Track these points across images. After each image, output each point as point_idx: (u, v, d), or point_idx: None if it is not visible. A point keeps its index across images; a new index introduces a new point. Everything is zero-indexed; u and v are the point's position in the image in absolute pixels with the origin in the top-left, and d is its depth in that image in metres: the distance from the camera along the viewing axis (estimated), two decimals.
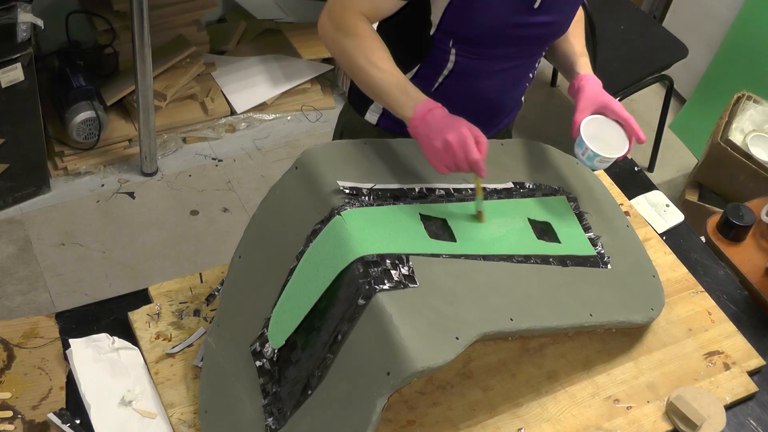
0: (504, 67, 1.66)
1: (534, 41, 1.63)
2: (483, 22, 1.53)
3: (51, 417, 1.43)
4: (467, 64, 1.61)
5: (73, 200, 2.87)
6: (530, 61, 1.72)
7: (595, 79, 1.68)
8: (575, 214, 1.69)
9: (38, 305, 2.58)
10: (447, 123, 1.43)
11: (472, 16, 1.53)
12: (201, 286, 1.63)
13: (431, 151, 1.44)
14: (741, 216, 1.95)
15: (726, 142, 2.85)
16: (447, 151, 1.42)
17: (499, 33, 1.56)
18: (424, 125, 1.44)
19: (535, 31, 1.60)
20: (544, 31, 1.61)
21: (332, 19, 1.53)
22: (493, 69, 1.64)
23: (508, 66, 1.66)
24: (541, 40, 1.65)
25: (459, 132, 1.42)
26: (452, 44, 1.58)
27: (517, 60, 1.67)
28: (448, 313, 1.33)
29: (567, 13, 1.64)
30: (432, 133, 1.43)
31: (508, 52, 1.63)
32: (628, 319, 1.58)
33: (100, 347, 1.52)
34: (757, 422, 1.62)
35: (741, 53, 3.30)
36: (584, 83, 1.67)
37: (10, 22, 2.39)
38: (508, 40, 1.59)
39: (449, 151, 1.42)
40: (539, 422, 1.52)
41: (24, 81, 2.54)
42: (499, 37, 1.57)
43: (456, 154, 1.42)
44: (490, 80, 1.66)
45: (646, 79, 3.02)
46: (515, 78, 1.71)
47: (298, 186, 1.46)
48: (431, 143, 1.43)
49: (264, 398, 1.39)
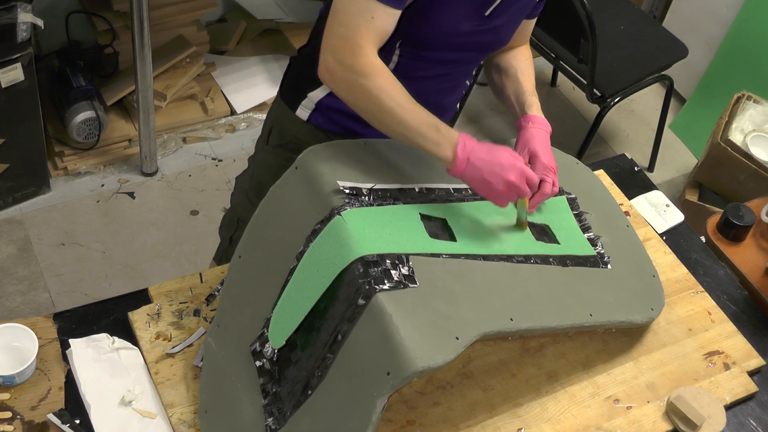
0: (443, 71, 1.64)
1: (479, 48, 1.62)
2: (437, 27, 1.52)
3: (51, 417, 1.43)
4: (410, 65, 1.59)
5: (73, 200, 2.87)
6: (469, 68, 1.69)
7: (539, 121, 1.62)
8: (575, 215, 1.69)
9: (38, 305, 2.58)
10: (494, 161, 1.43)
11: (428, 21, 1.51)
12: (201, 286, 1.63)
13: (493, 194, 1.46)
14: (741, 216, 1.95)
15: (726, 142, 2.85)
16: (511, 190, 1.45)
17: (450, 38, 1.54)
18: (472, 169, 1.43)
19: (482, 37, 1.58)
20: (488, 37, 1.59)
21: (342, 61, 1.42)
22: (433, 73, 1.62)
23: (448, 71, 1.64)
24: (485, 46, 1.63)
25: (515, 168, 1.43)
26: (398, 45, 1.56)
27: (458, 65, 1.65)
28: (448, 313, 1.33)
29: (513, 21, 1.61)
30: (487, 176, 1.43)
31: (453, 57, 1.61)
32: (628, 319, 1.58)
33: (100, 347, 1.52)
34: (757, 422, 1.62)
35: (741, 53, 3.30)
36: (525, 124, 1.62)
37: (10, 22, 2.39)
38: (456, 46, 1.57)
39: (513, 190, 1.45)
40: (539, 422, 1.52)
41: (24, 81, 2.54)
42: (448, 43, 1.56)
43: (518, 190, 1.46)
44: (428, 83, 1.63)
45: (646, 79, 3.02)
46: (453, 83, 1.70)
47: (298, 186, 1.46)
48: (491, 188, 1.45)
49: (264, 398, 1.39)
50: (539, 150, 1.57)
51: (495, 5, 1.52)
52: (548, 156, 1.58)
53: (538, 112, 1.64)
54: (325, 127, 1.69)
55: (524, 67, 1.73)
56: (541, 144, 1.58)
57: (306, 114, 1.70)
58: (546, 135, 1.61)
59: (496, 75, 1.76)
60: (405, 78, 1.54)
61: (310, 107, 1.69)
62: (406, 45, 1.56)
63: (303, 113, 1.70)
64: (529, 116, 1.62)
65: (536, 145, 1.58)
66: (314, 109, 1.69)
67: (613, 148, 3.43)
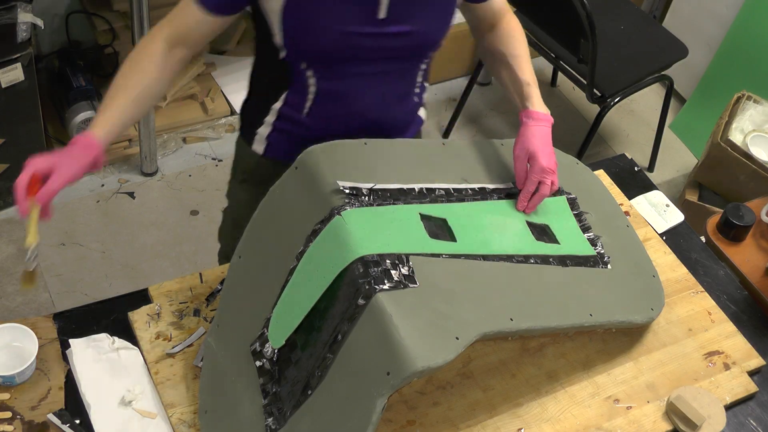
0: (372, 85, 1.57)
1: (394, 55, 1.54)
2: (322, 34, 1.47)
3: (51, 417, 1.43)
4: (330, 86, 1.56)
5: (73, 200, 2.87)
6: (406, 76, 1.62)
7: (539, 116, 1.59)
8: (575, 215, 1.69)
9: (38, 305, 2.58)
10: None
11: (309, 29, 1.47)
12: (201, 286, 1.63)
13: None
14: (741, 216, 1.95)
15: (726, 142, 2.85)
16: None
17: (343, 45, 1.49)
18: None
19: (387, 42, 1.50)
20: (400, 42, 1.51)
21: None
22: (360, 88, 1.57)
23: (378, 84, 1.58)
24: (403, 53, 1.55)
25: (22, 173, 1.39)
26: (306, 66, 1.53)
27: (387, 76, 1.58)
28: (448, 313, 1.33)
29: (428, 22, 1.52)
30: None
31: (370, 69, 1.55)
32: (628, 319, 1.58)
33: (100, 347, 1.52)
34: (757, 422, 1.62)
35: (741, 53, 3.30)
36: (526, 120, 1.59)
37: (10, 22, 2.39)
38: (357, 54, 1.51)
39: None
40: (539, 422, 1.52)
41: (24, 81, 2.54)
42: (345, 50, 1.50)
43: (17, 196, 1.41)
44: (362, 100, 1.58)
45: (646, 79, 3.02)
46: (394, 95, 1.62)
47: (298, 186, 1.46)
48: None
49: (264, 398, 1.39)
50: (538, 151, 1.56)
51: (386, 6, 1.46)
52: (547, 156, 1.57)
53: (537, 104, 1.61)
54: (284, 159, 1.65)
55: (514, 47, 1.65)
56: (540, 143, 1.57)
57: (262, 148, 1.70)
58: (547, 130, 1.59)
59: (489, 61, 1.72)
60: (331, 98, 1.56)
61: (263, 142, 1.69)
62: (313, 63, 1.53)
63: (259, 147, 1.71)
64: (528, 111, 1.60)
65: (535, 146, 1.57)
66: (268, 144, 1.69)
67: (613, 148, 3.43)
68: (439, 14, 1.54)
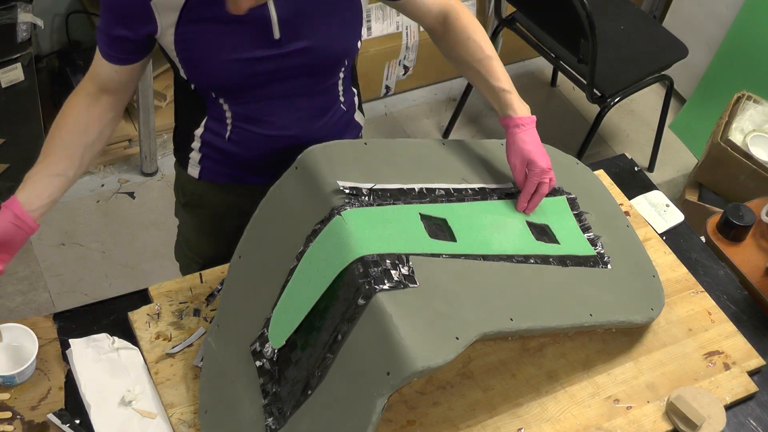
0: (288, 104, 1.55)
1: (296, 72, 1.50)
2: (220, 66, 1.45)
3: (51, 417, 1.43)
4: (245, 110, 1.54)
5: (73, 200, 2.87)
6: (323, 89, 1.57)
7: (523, 121, 1.57)
8: (575, 215, 1.69)
9: (38, 305, 2.58)
10: None
11: (205, 62, 1.45)
12: (201, 286, 1.63)
13: None
14: (741, 216, 1.95)
15: (726, 142, 2.85)
16: None
17: (244, 72, 1.46)
18: None
19: (287, 62, 1.47)
20: (300, 60, 1.48)
21: None
22: (276, 109, 1.55)
23: (294, 102, 1.55)
24: (306, 69, 1.50)
25: None
26: (215, 95, 1.53)
27: (301, 94, 1.54)
28: (448, 313, 1.33)
29: (327, 35, 1.48)
30: None
31: (281, 90, 1.52)
32: (628, 319, 1.58)
33: (100, 347, 1.52)
34: (757, 422, 1.62)
35: (741, 53, 3.30)
36: (512, 128, 1.57)
37: (10, 22, 2.39)
38: (262, 78, 1.48)
39: None
40: (539, 422, 1.52)
41: (24, 81, 2.54)
42: (248, 77, 1.47)
43: None
44: (281, 119, 1.56)
45: (646, 79, 3.02)
46: (314, 110, 1.59)
47: (298, 186, 1.46)
48: None
49: (264, 398, 1.39)
50: (534, 155, 1.57)
51: (277, 25, 1.43)
52: (543, 157, 1.58)
53: (519, 108, 1.58)
54: (219, 181, 1.66)
55: (474, 51, 1.59)
56: (533, 147, 1.57)
57: (197, 171, 1.69)
58: (534, 132, 1.58)
59: (457, 66, 1.67)
60: (249, 122, 1.56)
61: (197, 165, 1.67)
62: (221, 93, 1.52)
63: (194, 171, 1.69)
64: (513, 119, 1.57)
65: (530, 151, 1.57)
66: (202, 168, 1.67)
67: (613, 148, 3.43)
68: (338, 25, 1.49)
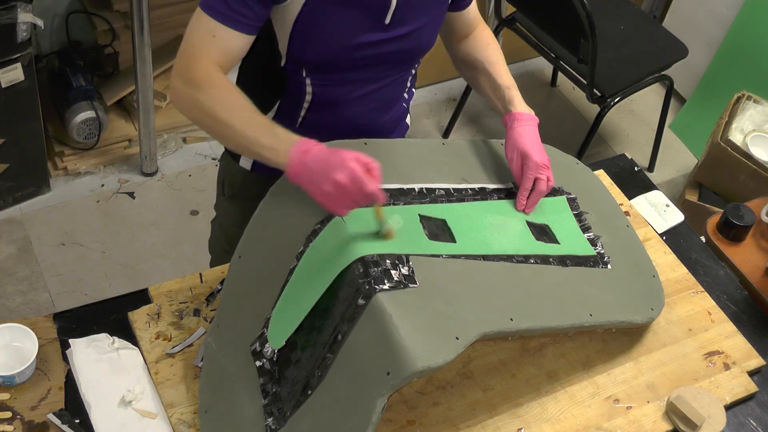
0: (368, 90, 1.56)
1: (393, 59, 1.54)
2: (331, 45, 1.45)
3: (51, 417, 1.43)
4: (327, 93, 1.54)
5: (73, 200, 2.87)
6: (398, 81, 1.61)
7: (524, 117, 1.59)
8: (575, 215, 1.69)
9: (38, 305, 2.58)
10: (329, 160, 1.30)
11: (319, 40, 1.45)
12: (201, 286, 1.63)
13: (323, 196, 1.31)
14: (741, 216, 1.95)
15: (726, 142, 2.85)
16: (340, 192, 1.29)
17: (350, 55, 1.47)
18: (306, 171, 1.32)
19: (390, 47, 1.50)
20: (400, 45, 1.51)
21: (182, 76, 1.38)
22: (356, 94, 1.56)
23: (373, 89, 1.57)
24: (401, 56, 1.55)
25: (347, 168, 1.28)
26: (306, 74, 1.51)
27: (381, 81, 1.57)
28: (448, 313, 1.33)
29: (425, 24, 1.52)
30: (317, 178, 1.30)
31: (368, 75, 1.54)
32: (628, 319, 1.58)
33: (100, 347, 1.52)
34: (757, 422, 1.62)
35: (741, 53, 3.30)
36: (511, 123, 1.59)
37: (10, 22, 2.39)
38: (362, 61, 1.50)
39: (343, 192, 1.29)
40: (539, 422, 1.52)
41: (24, 81, 2.54)
42: (351, 59, 1.48)
43: (351, 193, 1.29)
44: (356, 106, 1.57)
45: (646, 79, 3.02)
46: (385, 101, 1.62)
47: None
48: (320, 188, 1.30)
49: (264, 398, 1.39)
50: (529, 149, 1.57)
51: (392, 10, 1.46)
52: (539, 152, 1.58)
53: (520, 105, 1.61)
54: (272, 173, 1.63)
55: (489, 55, 1.65)
56: (530, 142, 1.58)
57: (249, 164, 1.69)
58: (534, 129, 1.59)
59: (465, 70, 1.72)
60: (326, 106, 1.54)
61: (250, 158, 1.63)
62: (312, 72, 1.51)
63: (246, 163, 1.69)
64: (513, 114, 1.60)
65: (526, 144, 1.57)
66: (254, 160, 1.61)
67: (613, 148, 3.43)
68: (433, 16, 1.55)
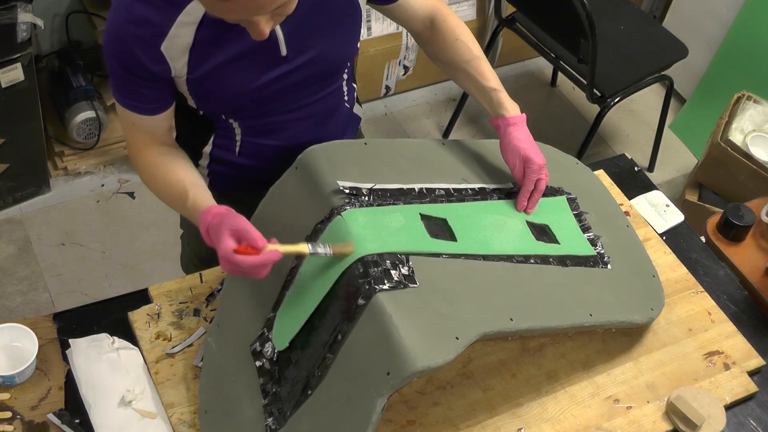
0: (299, 115, 1.56)
1: (310, 82, 1.51)
2: (234, 95, 1.45)
3: (51, 417, 1.43)
4: (256, 126, 1.55)
5: (73, 200, 2.87)
6: (330, 93, 1.58)
7: (515, 120, 1.58)
8: (575, 215, 1.69)
9: (38, 305, 2.58)
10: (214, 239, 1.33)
11: (219, 96, 1.46)
12: (201, 286, 1.63)
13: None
14: (741, 216, 1.95)
15: (726, 142, 2.85)
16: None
17: (258, 95, 1.47)
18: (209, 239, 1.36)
19: (299, 75, 1.48)
20: (310, 70, 1.49)
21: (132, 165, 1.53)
22: (287, 119, 1.55)
23: (303, 112, 1.56)
24: (317, 78, 1.52)
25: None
26: (226, 117, 1.53)
27: (309, 101, 1.55)
28: (448, 313, 1.33)
29: (329, 44, 1.48)
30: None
31: (290, 102, 1.53)
32: (628, 319, 1.58)
33: (100, 347, 1.52)
34: (757, 422, 1.62)
35: (741, 53, 3.30)
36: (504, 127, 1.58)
37: (10, 22, 2.39)
38: (276, 95, 1.49)
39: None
40: (539, 422, 1.52)
41: (24, 81, 2.54)
42: (261, 99, 1.48)
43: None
44: (291, 129, 1.57)
45: (646, 79, 3.02)
46: (322, 114, 1.60)
47: (299, 186, 1.46)
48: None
49: (264, 398, 1.39)
50: (530, 153, 1.57)
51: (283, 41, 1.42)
52: (538, 153, 1.59)
53: (510, 107, 1.59)
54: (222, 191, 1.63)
55: (463, 52, 1.61)
56: (529, 145, 1.58)
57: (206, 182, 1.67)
58: (526, 129, 1.59)
59: (446, 69, 1.68)
60: (260, 134, 1.56)
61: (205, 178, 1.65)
62: (232, 116, 1.52)
63: None
64: (506, 118, 1.59)
65: (526, 149, 1.58)
66: (210, 181, 1.65)
67: (613, 148, 3.43)
68: (341, 31, 1.50)
